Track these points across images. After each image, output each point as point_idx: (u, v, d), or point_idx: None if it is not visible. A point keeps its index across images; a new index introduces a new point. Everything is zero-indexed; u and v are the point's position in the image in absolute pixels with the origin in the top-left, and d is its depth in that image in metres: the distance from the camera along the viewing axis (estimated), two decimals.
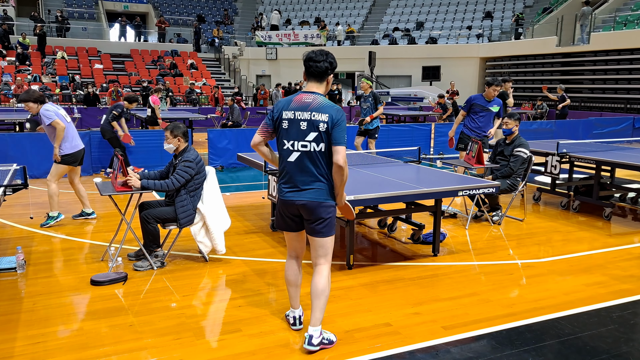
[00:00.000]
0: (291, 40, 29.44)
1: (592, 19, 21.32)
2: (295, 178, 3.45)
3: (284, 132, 3.46)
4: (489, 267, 5.17)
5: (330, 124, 3.34)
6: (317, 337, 3.49)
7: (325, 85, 3.50)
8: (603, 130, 15.26)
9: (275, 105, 3.56)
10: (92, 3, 30.55)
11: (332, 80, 3.55)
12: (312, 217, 3.47)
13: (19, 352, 3.47)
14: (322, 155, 3.39)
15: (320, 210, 3.44)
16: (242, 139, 10.98)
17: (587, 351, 3.56)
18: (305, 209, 3.47)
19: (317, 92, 3.45)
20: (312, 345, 3.47)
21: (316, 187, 3.43)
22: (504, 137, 6.93)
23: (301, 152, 3.41)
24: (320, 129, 3.35)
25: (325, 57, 3.41)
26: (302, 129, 3.39)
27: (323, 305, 3.51)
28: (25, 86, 20.60)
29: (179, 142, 5.06)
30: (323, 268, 3.54)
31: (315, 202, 3.43)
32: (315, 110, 3.37)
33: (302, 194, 3.44)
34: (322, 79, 3.46)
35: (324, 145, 3.37)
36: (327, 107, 3.38)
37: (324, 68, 3.42)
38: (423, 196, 5.03)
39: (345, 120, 3.41)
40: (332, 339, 3.61)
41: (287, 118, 3.44)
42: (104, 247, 5.55)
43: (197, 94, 22.57)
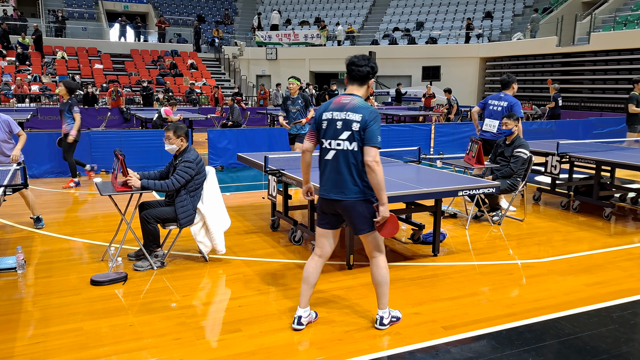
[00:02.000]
0: (291, 40, 29.45)
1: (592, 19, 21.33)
2: (332, 176, 3.63)
3: (323, 132, 3.66)
4: (489, 267, 5.17)
5: (363, 124, 3.50)
6: (387, 317, 3.83)
7: (366, 89, 3.68)
8: (603, 130, 15.26)
9: (317, 109, 3.76)
10: (92, 3, 30.55)
11: (373, 84, 3.73)
12: (350, 216, 3.64)
13: (19, 352, 3.47)
14: (355, 154, 3.56)
15: (357, 209, 3.59)
16: (242, 139, 10.98)
17: (587, 351, 3.56)
18: (342, 208, 3.63)
19: (355, 94, 3.64)
20: (384, 325, 3.81)
21: (351, 186, 3.58)
22: (504, 138, 6.93)
23: (336, 150, 3.60)
24: (353, 128, 3.52)
25: (367, 62, 3.59)
26: (337, 128, 3.58)
27: (386, 292, 3.78)
28: (25, 86, 20.62)
29: (182, 142, 5.06)
30: (379, 260, 3.75)
31: (351, 201, 3.59)
32: (350, 110, 3.55)
33: (339, 193, 3.61)
34: (363, 82, 3.64)
35: (356, 144, 3.54)
36: (361, 107, 3.54)
37: (366, 72, 3.60)
38: (423, 196, 5.03)
39: (379, 122, 3.55)
40: (398, 315, 3.95)
41: (326, 119, 3.65)
42: (104, 247, 5.55)
43: (197, 94, 22.58)
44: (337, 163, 3.59)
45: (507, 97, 7.40)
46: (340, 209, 3.65)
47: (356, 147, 3.54)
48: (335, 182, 3.61)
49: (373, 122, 3.51)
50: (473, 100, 25.71)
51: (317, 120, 3.71)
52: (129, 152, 9.99)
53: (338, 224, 3.77)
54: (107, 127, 17.91)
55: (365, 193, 3.60)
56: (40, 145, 9.53)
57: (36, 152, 9.48)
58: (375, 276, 3.76)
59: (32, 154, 9.45)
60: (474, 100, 25.74)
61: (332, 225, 3.76)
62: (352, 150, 3.55)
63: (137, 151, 10.18)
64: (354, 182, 3.57)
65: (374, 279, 3.77)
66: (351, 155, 3.55)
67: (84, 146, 9.82)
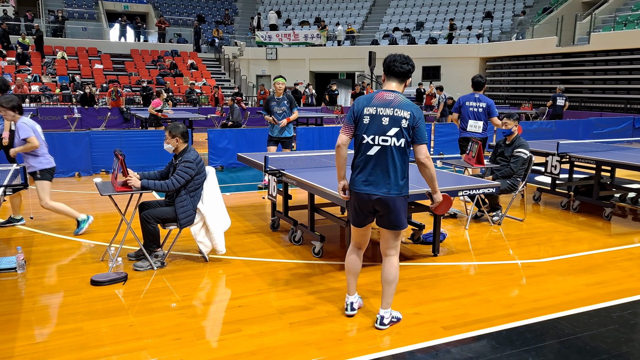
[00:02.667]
0: (291, 40, 29.44)
1: (592, 19, 21.32)
2: (373, 172, 3.64)
3: (364, 127, 3.65)
4: (489, 267, 5.17)
5: (412, 121, 3.58)
6: (388, 317, 3.86)
7: (403, 86, 3.74)
8: (603, 130, 15.26)
9: (355, 103, 3.75)
10: (92, 3, 30.54)
11: (410, 82, 3.79)
12: (387, 211, 3.67)
13: (19, 352, 3.47)
14: (400, 150, 3.61)
15: (395, 204, 3.64)
16: (242, 139, 10.98)
17: (587, 351, 3.56)
18: (380, 203, 3.65)
19: (397, 91, 3.68)
20: (384, 325, 3.83)
21: (392, 181, 3.62)
22: (503, 138, 6.93)
23: (381, 146, 3.61)
24: (402, 125, 3.57)
25: (408, 61, 3.69)
26: (383, 124, 3.59)
27: (393, 291, 3.84)
28: (25, 86, 20.62)
29: (177, 142, 5.05)
30: (394, 258, 3.82)
31: (391, 196, 3.62)
32: (397, 107, 3.59)
33: (379, 188, 3.63)
34: (404, 79, 3.71)
35: (404, 140, 3.60)
36: (409, 105, 3.61)
37: (407, 70, 3.68)
38: (423, 196, 5.03)
39: (424, 119, 3.65)
40: (399, 316, 3.98)
41: (368, 114, 3.65)
42: (104, 247, 5.55)
43: (197, 94, 22.57)
44: (383, 159, 3.61)
45: (482, 98, 7.63)
46: (380, 205, 3.65)
47: (404, 143, 3.59)
48: (378, 178, 3.62)
49: (421, 119, 3.60)
50: None
51: (355, 114, 3.68)
52: (129, 152, 9.99)
53: (371, 219, 3.82)
54: (107, 127, 17.91)
55: (405, 189, 3.69)
56: None
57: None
58: (387, 274, 3.79)
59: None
60: None
61: (368, 221, 3.82)
62: (400, 146, 3.59)
63: (137, 151, 10.18)
64: (398, 178, 3.62)
65: (385, 277, 3.80)
66: (398, 151, 3.60)
67: (84, 146, 9.83)
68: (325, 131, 12.14)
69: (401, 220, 3.71)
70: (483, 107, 7.60)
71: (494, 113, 7.51)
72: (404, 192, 3.68)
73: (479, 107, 7.61)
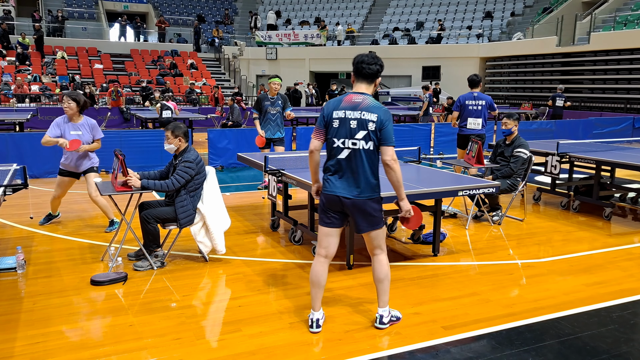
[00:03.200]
0: (291, 40, 29.44)
1: (592, 19, 21.32)
2: (346, 175, 3.63)
3: (334, 130, 3.64)
4: (489, 267, 5.17)
5: (379, 124, 3.54)
6: (387, 316, 3.84)
7: (373, 87, 3.71)
8: (603, 130, 15.26)
9: (325, 107, 3.72)
10: (92, 3, 30.55)
11: (379, 82, 3.75)
12: (361, 214, 3.65)
13: (19, 352, 3.47)
14: (369, 153, 3.59)
15: (367, 207, 3.63)
16: (242, 139, 10.98)
17: (587, 351, 3.56)
18: (352, 206, 3.64)
19: (366, 93, 3.66)
20: (383, 324, 3.83)
21: (363, 184, 3.61)
22: (503, 138, 6.93)
23: (351, 149, 3.60)
24: (369, 128, 3.54)
25: (377, 61, 3.63)
26: (352, 127, 3.58)
27: (387, 289, 3.81)
28: (25, 86, 20.62)
29: (180, 142, 5.06)
30: (382, 257, 3.78)
31: (362, 199, 3.61)
32: (364, 110, 3.56)
33: (350, 191, 3.62)
34: (372, 80, 3.67)
35: (372, 143, 3.57)
36: (375, 107, 3.58)
37: (375, 71, 3.64)
38: (423, 196, 5.03)
39: (392, 121, 3.61)
40: (398, 315, 3.96)
41: (337, 117, 3.63)
42: (104, 247, 5.55)
43: (197, 94, 22.57)
44: (352, 162, 3.60)
45: (481, 96, 7.91)
46: (350, 207, 3.63)
47: (372, 146, 3.57)
48: (349, 181, 3.62)
49: (388, 121, 3.55)
50: None
51: (325, 118, 3.68)
52: (129, 152, 9.99)
53: (343, 222, 3.77)
54: (107, 127, 17.91)
55: (376, 191, 3.66)
56: (40, 145, 9.51)
57: (36, 152, 9.49)
58: (378, 273, 3.78)
59: (32, 154, 9.46)
60: None
61: (337, 224, 3.75)
62: (369, 149, 3.58)
63: (137, 151, 10.18)
64: (368, 181, 3.61)
65: (376, 276, 3.79)
66: (367, 154, 3.58)
67: None
68: None
69: (376, 220, 3.68)
70: (482, 104, 7.88)
71: (494, 108, 8.07)
72: (376, 194, 3.66)
73: (478, 104, 7.89)
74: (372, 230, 3.70)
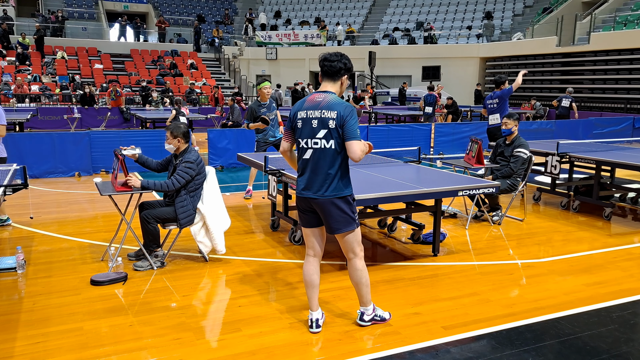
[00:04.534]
0: (291, 40, 29.45)
1: (592, 19, 21.32)
2: (309, 175, 3.60)
3: (299, 131, 3.61)
4: (489, 267, 5.17)
5: (339, 120, 3.46)
6: (369, 314, 3.82)
7: (340, 86, 3.63)
8: (603, 130, 15.26)
9: (292, 109, 3.70)
10: (92, 3, 30.55)
11: (346, 81, 3.64)
12: (327, 214, 3.59)
13: (19, 352, 3.47)
14: (332, 152, 3.52)
15: (332, 207, 3.56)
16: (242, 139, 10.98)
17: (587, 351, 3.56)
18: (318, 206, 3.60)
19: (329, 91, 3.58)
20: (363, 322, 3.83)
21: (326, 184, 3.54)
22: (503, 138, 6.93)
23: (313, 149, 3.55)
24: (329, 126, 3.48)
25: (340, 58, 3.55)
26: (313, 127, 3.53)
27: (365, 291, 3.76)
28: (25, 86, 20.61)
29: (179, 142, 5.06)
30: (354, 261, 3.72)
31: (326, 198, 3.55)
32: (324, 108, 3.50)
33: (316, 191, 3.57)
34: (335, 78, 3.59)
35: (333, 142, 3.50)
36: (335, 104, 3.49)
37: (338, 68, 3.55)
38: (423, 196, 5.03)
39: (354, 116, 3.49)
40: (385, 317, 3.90)
41: (300, 118, 3.59)
42: (104, 247, 5.55)
43: (197, 94, 22.57)
44: (316, 161, 3.55)
45: (496, 94, 8.99)
46: (318, 207, 3.59)
47: (334, 144, 3.49)
48: (313, 181, 3.56)
49: (349, 117, 3.45)
50: (473, 100, 25.70)
51: (291, 120, 3.65)
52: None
53: (320, 221, 3.71)
54: (107, 127, 17.91)
55: (342, 191, 3.57)
56: (40, 145, 9.54)
57: (36, 152, 9.49)
58: (352, 277, 3.74)
59: (32, 154, 9.46)
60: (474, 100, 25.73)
61: (314, 223, 3.71)
62: (330, 148, 3.50)
63: None
64: (331, 181, 3.53)
65: (351, 280, 3.77)
66: (329, 153, 3.51)
67: (84, 146, 9.83)
68: None
69: (344, 221, 3.58)
70: (497, 102, 8.98)
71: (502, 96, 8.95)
72: (342, 193, 3.56)
73: (494, 103, 9.04)
74: (341, 231, 3.60)
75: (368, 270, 4.98)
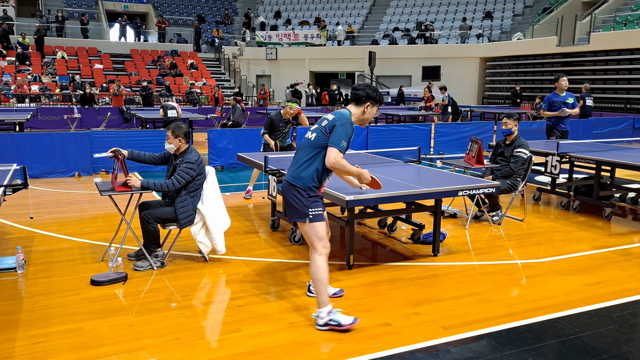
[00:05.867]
0: (291, 40, 29.45)
1: (592, 19, 21.32)
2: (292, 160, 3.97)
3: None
4: (489, 267, 5.17)
5: (330, 124, 3.76)
6: (322, 317, 3.78)
7: (363, 111, 3.90)
8: (603, 130, 15.26)
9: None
10: (92, 3, 30.55)
11: (371, 109, 3.92)
12: (284, 197, 3.86)
13: (19, 352, 3.47)
14: (311, 144, 3.80)
15: (288, 192, 3.81)
16: (242, 139, 10.98)
17: (587, 351, 3.56)
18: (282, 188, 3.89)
19: (348, 109, 3.93)
20: (318, 325, 3.81)
21: (294, 167, 3.84)
22: (503, 138, 6.94)
23: (304, 138, 3.93)
24: (322, 124, 3.85)
25: (364, 88, 3.91)
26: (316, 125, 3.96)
27: (319, 289, 3.78)
28: (25, 86, 20.62)
29: (180, 142, 5.06)
30: (312, 256, 3.82)
31: (287, 182, 3.83)
32: (331, 114, 3.88)
33: (288, 172, 3.90)
34: (359, 103, 3.92)
35: (315, 135, 3.81)
36: (338, 112, 3.85)
37: (360, 96, 3.90)
38: (423, 196, 5.03)
39: (346, 128, 3.72)
40: (341, 321, 3.75)
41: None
42: (104, 247, 5.55)
43: (197, 94, 22.57)
44: (300, 149, 3.91)
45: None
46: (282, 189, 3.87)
47: (314, 137, 3.80)
48: (291, 164, 3.91)
49: (340, 125, 3.71)
50: (473, 100, 25.71)
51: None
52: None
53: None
54: (107, 127, 17.91)
55: (301, 180, 3.76)
56: (40, 145, 9.53)
57: (36, 152, 9.49)
58: (310, 271, 3.82)
59: (32, 154, 9.46)
60: (473, 100, 25.74)
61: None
62: (311, 140, 3.82)
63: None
64: (298, 167, 3.80)
65: (310, 274, 3.84)
66: (309, 144, 3.81)
67: (84, 146, 9.83)
68: None
69: (291, 211, 3.80)
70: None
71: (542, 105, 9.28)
72: (300, 183, 3.75)
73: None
74: (292, 219, 3.85)
75: (368, 270, 5.00)
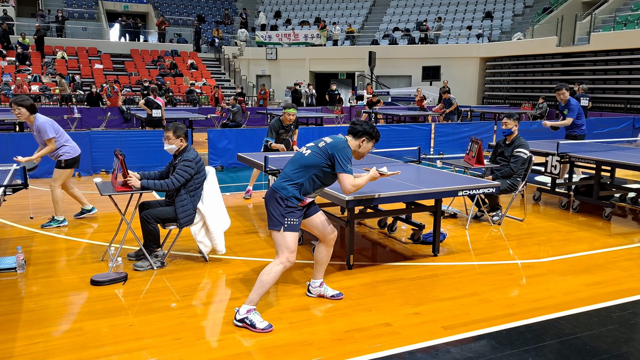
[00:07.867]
0: (291, 40, 29.44)
1: (592, 19, 21.32)
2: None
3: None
4: (489, 267, 5.17)
5: (329, 148, 3.92)
6: (242, 313, 3.82)
7: (359, 145, 4.11)
8: (603, 130, 15.25)
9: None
10: (92, 3, 30.54)
11: (367, 144, 4.12)
12: (266, 205, 3.95)
13: (19, 352, 3.47)
14: (303, 161, 3.94)
15: (270, 200, 3.90)
16: (242, 139, 10.98)
17: (587, 351, 3.56)
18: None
19: (345, 137, 4.13)
20: (235, 319, 3.86)
21: (281, 178, 3.93)
22: (503, 138, 6.93)
23: (297, 152, 4.10)
24: (318, 144, 4.01)
25: (362, 124, 4.12)
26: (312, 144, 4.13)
27: (258, 292, 3.84)
28: (25, 86, 20.61)
29: (182, 142, 5.06)
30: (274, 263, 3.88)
31: (271, 189, 3.92)
32: (328, 137, 4.09)
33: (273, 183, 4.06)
34: (355, 136, 4.12)
35: (310, 152, 3.96)
36: (335, 137, 4.04)
37: (357, 130, 4.11)
38: (423, 196, 5.03)
39: (345, 151, 3.92)
40: (256, 324, 3.77)
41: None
42: (104, 247, 5.55)
43: (197, 94, 22.57)
44: (291, 161, 4.05)
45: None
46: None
47: (308, 154, 3.96)
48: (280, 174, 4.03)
49: (337, 150, 3.89)
50: (473, 100, 25.71)
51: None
52: (129, 152, 9.99)
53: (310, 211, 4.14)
54: (107, 127, 17.91)
55: (285, 190, 3.87)
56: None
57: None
58: (261, 273, 3.88)
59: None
60: (474, 100, 25.74)
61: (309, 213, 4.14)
62: (304, 154, 3.97)
63: (137, 151, 10.18)
64: (285, 179, 3.91)
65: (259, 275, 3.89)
66: (302, 158, 3.96)
67: (84, 146, 9.82)
68: (325, 131, 12.14)
69: (270, 219, 3.88)
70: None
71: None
72: (283, 193, 3.86)
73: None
74: (270, 227, 3.90)
75: (368, 270, 5.00)
